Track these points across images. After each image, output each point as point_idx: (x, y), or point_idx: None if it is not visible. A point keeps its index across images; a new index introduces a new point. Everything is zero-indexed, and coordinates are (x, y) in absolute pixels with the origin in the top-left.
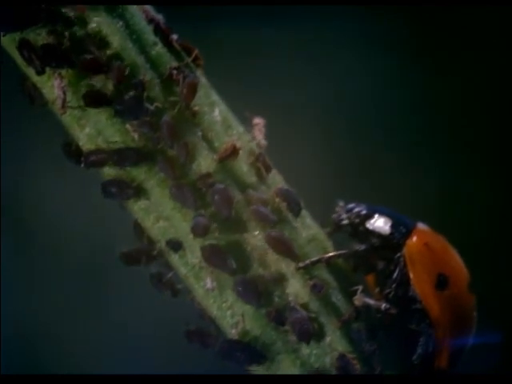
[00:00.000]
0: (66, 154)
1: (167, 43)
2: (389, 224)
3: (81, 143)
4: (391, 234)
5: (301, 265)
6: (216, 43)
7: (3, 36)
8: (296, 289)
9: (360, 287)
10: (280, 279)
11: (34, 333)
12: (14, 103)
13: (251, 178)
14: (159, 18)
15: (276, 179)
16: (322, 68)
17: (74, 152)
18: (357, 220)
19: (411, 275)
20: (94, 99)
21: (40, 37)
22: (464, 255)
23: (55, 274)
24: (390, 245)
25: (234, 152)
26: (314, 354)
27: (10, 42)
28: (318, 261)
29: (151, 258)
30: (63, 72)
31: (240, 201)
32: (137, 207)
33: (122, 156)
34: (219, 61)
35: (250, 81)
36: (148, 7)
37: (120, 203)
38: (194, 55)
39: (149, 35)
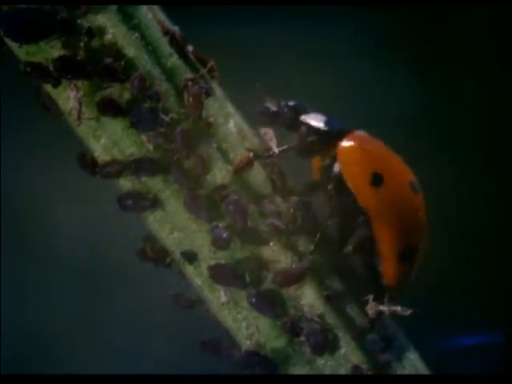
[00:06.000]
0: (81, 164)
1: (183, 54)
2: (323, 120)
3: (96, 154)
4: (324, 130)
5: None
6: (215, 44)
7: (19, 47)
8: (311, 300)
9: (371, 296)
10: (294, 289)
11: (34, 333)
12: (14, 102)
13: (266, 189)
14: (175, 29)
15: (291, 190)
16: (327, 70)
17: (89, 163)
18: (287, 111)
19: (344, 172)
20: (108, 107)
21: (55, 49)
22: (464, 255)
23: (55, 275)
24: (323, 141)
25: (248, 163)
26: (329, 365)
27: (24, 53)
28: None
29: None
30: (79, 83)
31: (255, 212)
32: (152, 218)
33: (139, 166)
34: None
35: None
36: (163, 18)
37: (135, 214)
38: (208, 66)
39: (164, 46)
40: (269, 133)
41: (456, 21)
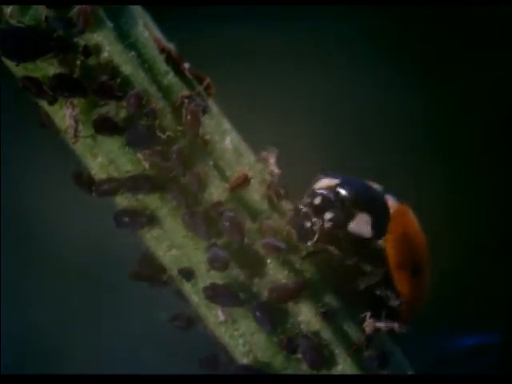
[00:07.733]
0: (77, 183)
1: (179, 72)
2: (369, 224)
3: (93, 172)
4: (373, 235)
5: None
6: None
7: (16, 66)
8: (308, 317)
9: (368, 313)
10: (292, 306)
11: (34, 333)
12: (14, 106)
13: (263, 206)
14: (171, 47)
15: (288, 207)
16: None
17: (85, 181)
18: (329, 225)
19: (390, 264)
20: (104, 125)
21: (52, 66)
22: (463, 256)
23: (55, 277)
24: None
25: (245, 181)
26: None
27: (21, 71)
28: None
29: (162, 283)
30: (75, 101)
31: (252, 229)
32: (149, 236)
33: (135, 183)
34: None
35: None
36: (160, 36)
37: (132, 231)
38: (205, 84)
39: (161, 64)
40: (272, 153)
41: (456, 21)
